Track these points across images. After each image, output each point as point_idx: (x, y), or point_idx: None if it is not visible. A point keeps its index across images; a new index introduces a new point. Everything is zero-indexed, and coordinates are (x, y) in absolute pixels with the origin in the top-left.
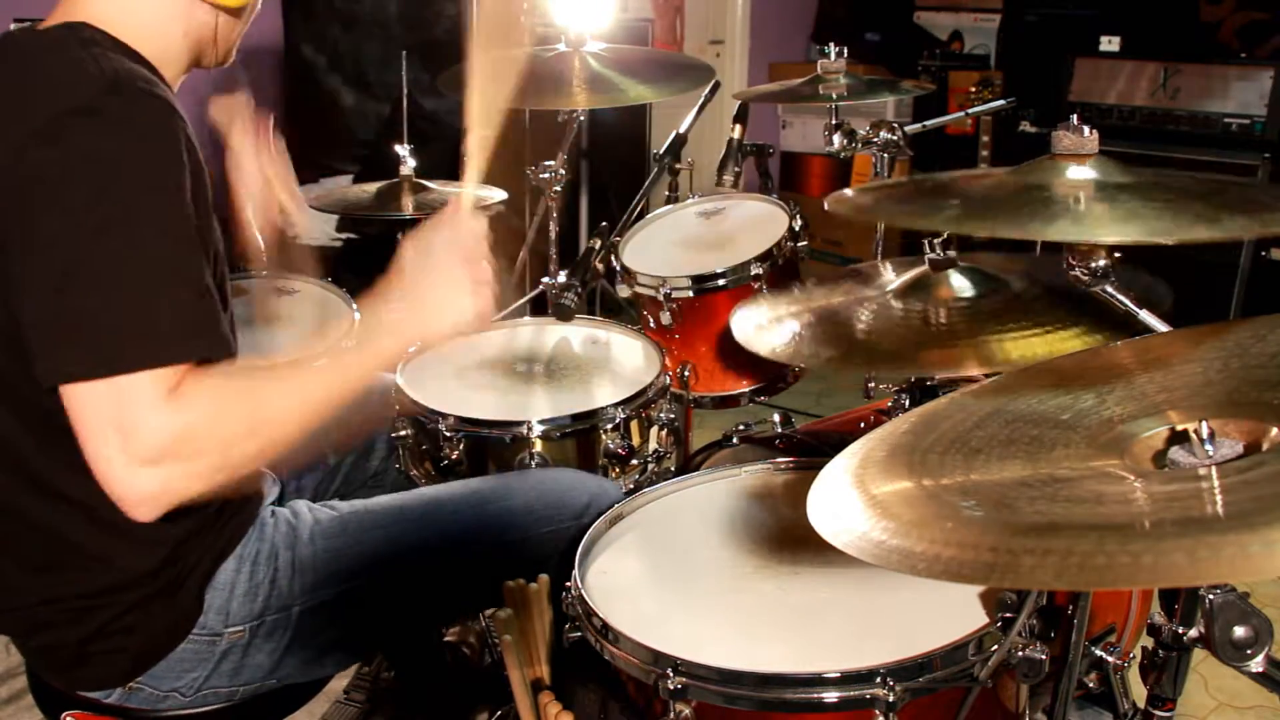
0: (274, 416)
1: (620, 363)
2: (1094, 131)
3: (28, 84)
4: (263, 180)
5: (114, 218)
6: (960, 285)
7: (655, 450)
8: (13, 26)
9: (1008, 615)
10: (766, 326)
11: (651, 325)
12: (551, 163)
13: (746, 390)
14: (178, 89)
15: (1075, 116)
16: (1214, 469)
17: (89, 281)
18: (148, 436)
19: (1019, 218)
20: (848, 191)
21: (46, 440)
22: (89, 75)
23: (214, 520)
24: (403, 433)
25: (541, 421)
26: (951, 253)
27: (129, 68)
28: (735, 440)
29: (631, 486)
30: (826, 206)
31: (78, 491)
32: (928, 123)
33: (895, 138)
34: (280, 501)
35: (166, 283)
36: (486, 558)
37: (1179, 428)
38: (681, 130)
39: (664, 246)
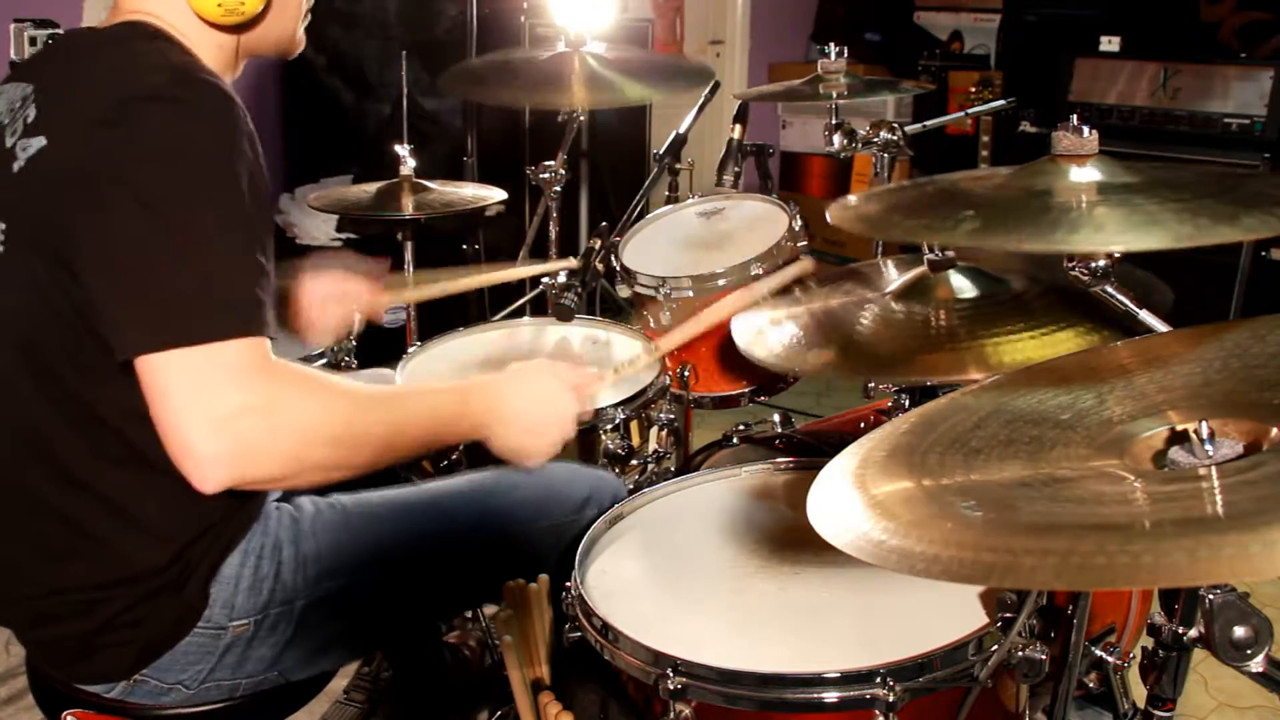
0: (361, 433)
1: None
2: (1094, 131)
3: (93, 74)
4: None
5: (185, 195)
6: (960, 286)
7: (655, 450)
8: (12, 26)
9: (1008, 615)
10: (767, 332)
11: (651, 325)
12: (551, 163)
13: (746, 390)
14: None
15: (1075, 116)
16: (1214, 469)
17: (163, 256)
18: (224, 400)
19: (1040, 228)
20: (850, 199)
21: (80, 429)
22: (156, 65)
23: (222, 516)
24: None
25: None
26: (950, 253)
27: (192, 59)
28: (735, 440)
29: (631, 486)
30: (829, 219)
31: (103, 483)
32: (928, 123)
33: (895, 138)
34: (284, 497)
35: (234, 259)
36: (487, 551)
37: (1179, 428)
38: (681, 130)
39: (664, 246)
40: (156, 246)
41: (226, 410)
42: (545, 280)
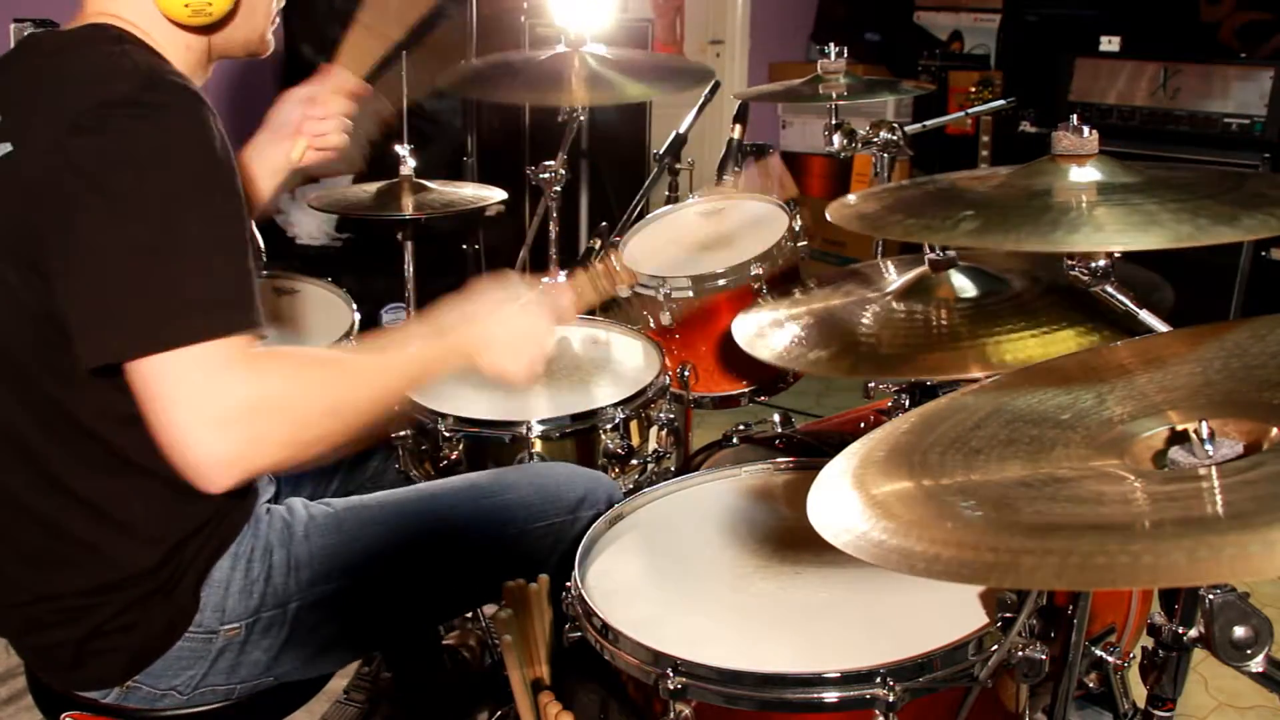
0: (353, 398)
1: (620, 363)
2: (1094, 131)
3: (62, 78)
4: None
5: (162, 199)
6: (961, 285)
7: (655, 450)
8: (12, 26)
9: (1008, 615)
10: (768, 331)
11: (651, 325)
12: (551, 163)
13: (746, 390)
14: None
15: (1075, 116)
16: (1214, 469)
17: (143, 261)
18: (219, 400)
19: (1039, 228)
20: (850, 198)
21: (58, 434)
22: (125, 69)
23: (211, 518)
24: (402, 433)
25: (541, 421)
26: (951, 253)
27: (160, 63)
28: (735, 440)
29: (631, 486)
30: (829, 218)
31: (85, 488)
32: (928, 123)
33: (895, 138)
34: (276, 500)
35: (216, 259)
36: (482, 552)
37: (1179, 428)
38: (681, 130)
39: (664, 246)
40: (136, 252)
41: (221, 412)
42: (545, 280)
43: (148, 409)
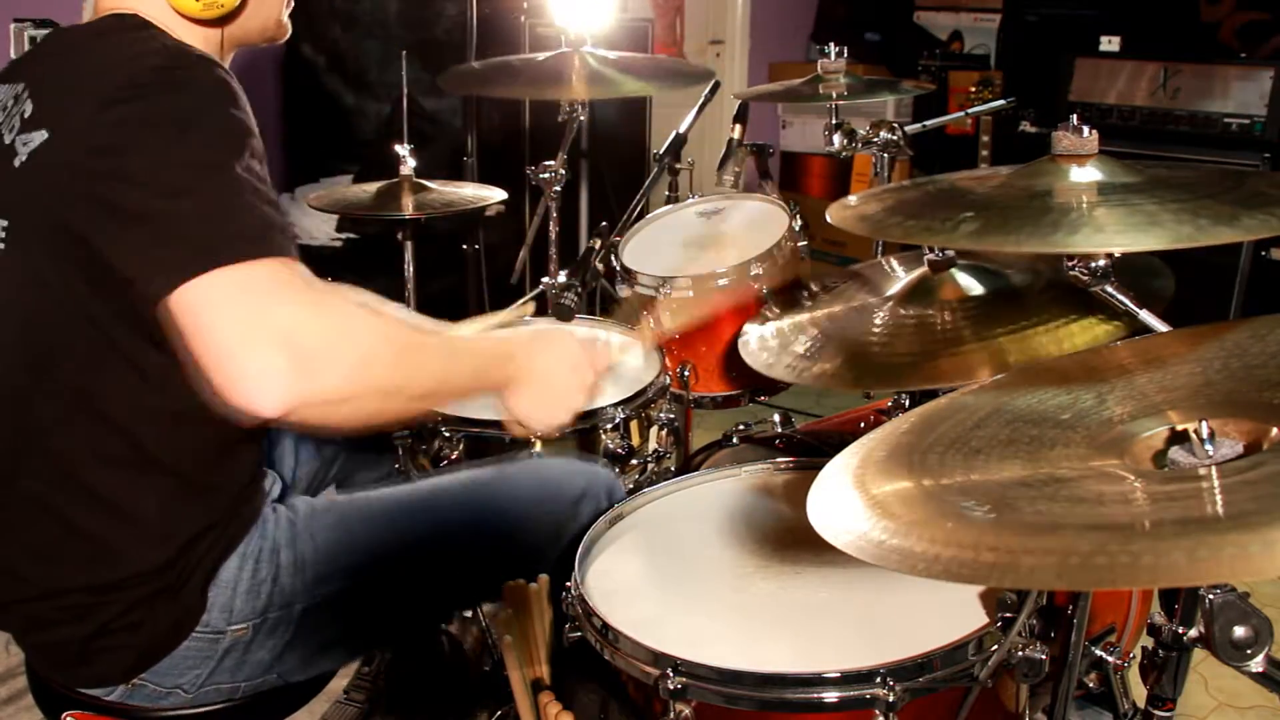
0: (417, 366)
1: (620, 363)
2: (1094, 131)
3: (91, 63)
4: None
5: (202, 146)
6: (964, 284)
7: (655, 450)
8: (12, 26)
9: (1008, 615)
10: (773, 345)
11: (652, 325)
12: (551, 163)
13: (746, 390)
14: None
15: (1075, 116)
16: (1214, 469)
17: (191, 203)
18: (278, 310)
19: (1039, 229)
20: (850, 199)
21: (79, 427)
22: (154, 49)
23: (220, 518)
24: (402, 432)
25: None
26: (950, 253)
27: (186, 45)
28: (735, 440)
29: (631, 486)
30: (829, 219)
31: (98, 481)
32: (928, 123)
33: (895, 138)
34: (281, 499)
35: (263, 205)
36: (485, 547)
37: (1179, 428)
38: (681, 130)
39: (664, 246)
40: (184, 190)
41: (280, 320)
42: (545, 280)
43: (198, 335)
